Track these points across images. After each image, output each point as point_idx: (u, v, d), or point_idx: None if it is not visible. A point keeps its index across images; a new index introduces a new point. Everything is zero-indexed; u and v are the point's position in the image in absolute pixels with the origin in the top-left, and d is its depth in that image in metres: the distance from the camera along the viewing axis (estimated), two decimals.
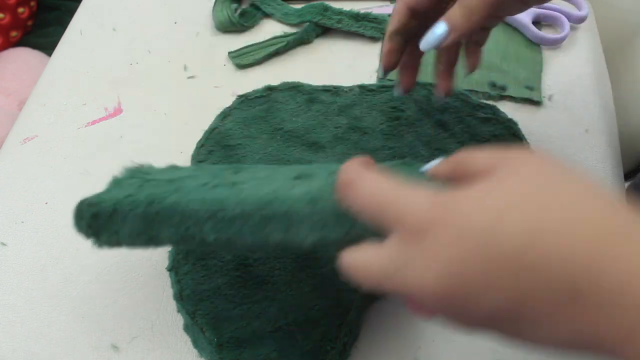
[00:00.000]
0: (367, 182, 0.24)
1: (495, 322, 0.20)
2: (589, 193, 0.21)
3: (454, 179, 0.24)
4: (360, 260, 0.24)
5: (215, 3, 0.58)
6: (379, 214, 0.23)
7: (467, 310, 0.21)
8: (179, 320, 0.39)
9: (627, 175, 0.59)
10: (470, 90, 0.50)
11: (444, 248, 0.20)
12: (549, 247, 0.19)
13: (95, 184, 0.47)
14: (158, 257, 0.43)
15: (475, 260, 0.20)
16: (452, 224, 0.20)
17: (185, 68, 0.55)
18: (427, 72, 0.53)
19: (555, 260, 0.19)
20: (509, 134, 0.45)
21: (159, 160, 0.48)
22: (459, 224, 0.20)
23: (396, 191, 0.23)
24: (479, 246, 0.20)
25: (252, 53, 0.55)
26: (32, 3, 0.95)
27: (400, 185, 0.23)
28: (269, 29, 0.57)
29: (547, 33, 0.54)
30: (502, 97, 0.50)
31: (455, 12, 0.33)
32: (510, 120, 0.46)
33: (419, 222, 0.21)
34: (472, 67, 0.41)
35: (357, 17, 0.55)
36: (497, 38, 0.55)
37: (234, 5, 0.58)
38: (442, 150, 0.44)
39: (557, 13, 0.55)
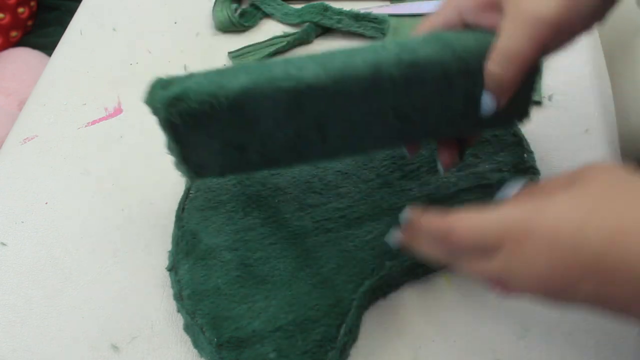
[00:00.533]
0: (461, 224, 0.28)
1: (588, 304, 0.25)
2: None
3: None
4: (479, 269, 0.28)
5: (215, 3, 0.58)
6: (483, 242, 0.27)
7: (563, 299, 0.26)
8: (179, 320, 0.39)
9: None
10: None
11: (539, 257, 0.25)
12: (626, 250, 0.23)
13: (95, 184, 0.47)
14: (158, 257, 0.43)
15: (566, 264, 0.24)
16: (542, 234, 0.25)
17: (185, 68, 0.55)
18: None
19: (632, 259, 0.23)
20: (509, 133, 0.45)
21: (159, 160, 0.48)
22: (548, 234, 0.25)
23: (486, 218, 0.27)
24: (568, 252, 0.24)
25: (252, 53, 0.55)
26: (32, 3, 0.95)
27: (486, 211, 0.27)
28: (269, 29, 0.57)
29: None
30: None
31: (491, 86, 0.31)
32: None
33: (514, 236, 0.26)
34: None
35: (357, 17, 0.55)
36: None
37: (234, 5, 0.58)
38: None
39: None
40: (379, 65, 0.31)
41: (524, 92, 0.34)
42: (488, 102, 0.32)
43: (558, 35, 0.29)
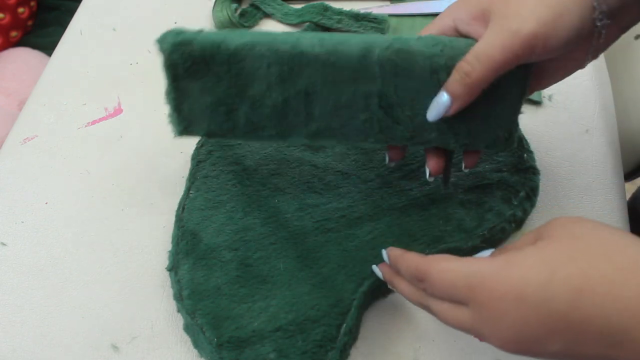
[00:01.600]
0: (436, 270, 0.29)
1: (558, 357, 0.26)
2: (619, 246, 0.25)
3: None
4: (450, 318, 0.29)
5: (215, 3, 0.58)
6: (453, 293, 0.28)
7: (533, 353, 0.26)
8: (179, 320, 0.39)
9: (627, 175, 0.59)
10: None
11: (506, 315, 0.25)
12: (591, 307, 0.24)
13: (95, 184, 0.47)
14: (158, 257, 0.43)
15: (532, 323, 0.25)
16: (508, 292, 0.25)
17: None
18: None
19: (597, 320, 0.24)
20: None
21: (159, 160, 0.48)
22: (514, 292, 0.25)
23: (458, 269, 0.28)
24: (533, 311, 0.25)
25: None
26: (32, 3, 0.95)
27: (461, 262, 0.28)
28: (269, 29, 0.57)
29: None
30: None
31: (453, 81, 0.32)
32: None
33: (481, 292, 0.26)
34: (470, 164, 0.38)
35: (357, 17, 0.55)
36: None
37: (234, 5, 0.58)
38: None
39: None
40: (370, 46, 0.33)
41: (501, 112, 0.35)
42: (442, 100, 0.33)
43: (531, 50, 0.30)
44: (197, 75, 0.35)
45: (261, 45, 0.33)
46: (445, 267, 0.28)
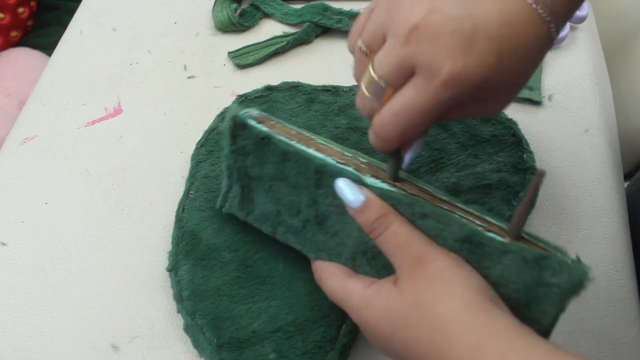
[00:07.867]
0: (327, 282, 0.35)
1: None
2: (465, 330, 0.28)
3: None
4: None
5: (215, 3, 0.58)
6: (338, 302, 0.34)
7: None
8: (179, 320, 0.39)
9: (627, 175, 0.59)
10: None
11: (371, 337, 0.32)
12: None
13: (95, 184, 0.47)
14: (158, 257, 0.43)
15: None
16: (366, 331, 0.32)
17: (185, 68, 0.55)
18: None
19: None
20: (508, 133, 0.45)
21: (159, 160, 0.48)
22: (369, 335, 0.32)
23: (338, 295, 0.34)
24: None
25: (252, 53, 0.55)
26: (32, 3, 0.95)
27: (338, 287, 0.34)
28: (269, 29, 0.57)
29: None
30: None
31: (370, 136, 0.32)
32: (510, 120, 0.46)
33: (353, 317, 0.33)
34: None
35: (356, 17, 0.55)
36: None
37: (234, 5, 0.58)
38: (442, 150, 0.44)
39: None
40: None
41: None
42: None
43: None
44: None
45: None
46: (330, 285, 0.34)
